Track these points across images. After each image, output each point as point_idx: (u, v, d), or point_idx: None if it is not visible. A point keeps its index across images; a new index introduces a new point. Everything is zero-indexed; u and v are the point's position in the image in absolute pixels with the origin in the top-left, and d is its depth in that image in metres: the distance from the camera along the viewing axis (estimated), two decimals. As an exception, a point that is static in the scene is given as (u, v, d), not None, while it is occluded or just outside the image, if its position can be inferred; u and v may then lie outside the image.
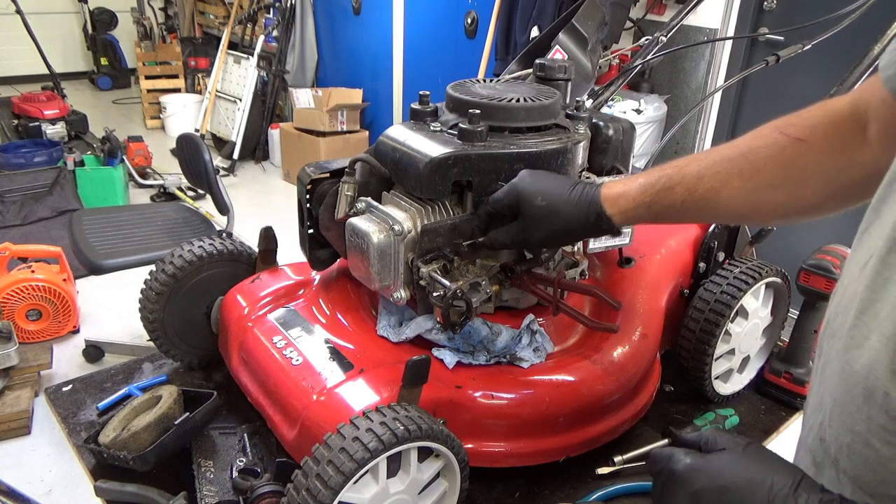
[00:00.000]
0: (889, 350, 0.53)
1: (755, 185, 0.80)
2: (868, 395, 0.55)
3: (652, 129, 3.16)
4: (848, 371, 0.57)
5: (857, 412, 0.56)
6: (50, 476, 2.34)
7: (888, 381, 0.53)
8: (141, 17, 6.97)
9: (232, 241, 1.32)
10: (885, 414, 0.54)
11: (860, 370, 0.56)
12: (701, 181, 0.82)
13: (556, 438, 1.08)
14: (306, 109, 4.94)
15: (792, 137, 0.78)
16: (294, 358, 1.08)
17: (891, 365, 0.53)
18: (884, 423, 0.54)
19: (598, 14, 1.45)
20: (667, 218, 0.88)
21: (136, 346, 2.93)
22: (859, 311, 0.57)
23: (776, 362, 1.40)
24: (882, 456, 0.55)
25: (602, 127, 1.15)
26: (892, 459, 0.54)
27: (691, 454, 0.65)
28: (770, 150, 0.79)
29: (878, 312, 0.55)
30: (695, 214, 0.86)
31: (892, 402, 0.53)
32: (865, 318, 0.56)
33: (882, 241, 0.56)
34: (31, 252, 2.99)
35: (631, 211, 0.88)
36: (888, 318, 0.53)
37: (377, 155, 1.09)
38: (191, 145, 2.81)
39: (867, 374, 0.55)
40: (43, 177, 4.08)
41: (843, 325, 0.59)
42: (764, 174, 0.79)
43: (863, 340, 0.56)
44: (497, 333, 1.10)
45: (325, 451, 0.84)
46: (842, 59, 1.46)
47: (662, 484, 0.66)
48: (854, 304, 0.58)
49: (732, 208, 0.82)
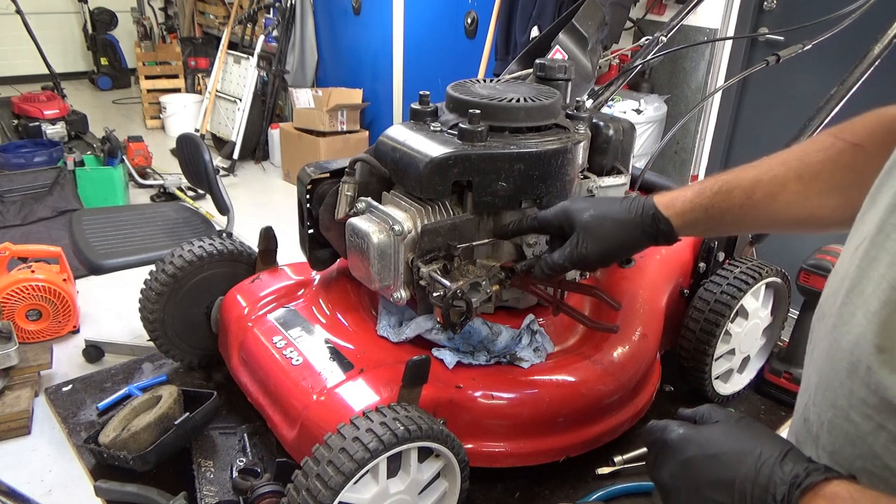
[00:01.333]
0: (874, 325, 0.54)
1: (813, 190, 0.79)
2: (852, 369, 0.56)
3: (652, 129, 3.16)
4: (835, 348, 0.59)
5: (839, 387, 0.58)
6: (50, 476, 2.34)
7: (872, 356, 0.54)
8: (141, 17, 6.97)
9: (232, 241, 1.32)
10: (866, 387, 0.55)
11: (846, 346, 0.57)
12: (759, 185, 0.82)
13: (556, 438, 1.08)
14: (306, 109, 4.94)
15: (849, 143, 0.78)
16: (294, 358, 1.08)
17: (874, 339, 0.54)
18: (864, 396, 0.55)
19: (598, 14, 1.45)
20: (723, 223, 0.86)
21: (136, 346, 2.93)
22: (848, 290, 0.58)
23: (776, 362, 1.40)
24: (861, 430, 0.56)
25: (602, 127, 1.15)
26: (870, 433, 0.55)
27: (685, 425, 0.67)
28: (827, 154, 0.79)
29: (864, 290, 0.56)
30: (752, 221, 0.85)
31: (874, 375, 0.54)
32: (853, 296, 0.57)
33: (874, 224, 0.57)
34: (31, 252, 2.99)
35: (687, 213, 0.86)
36: (873, 294, 0.55)
37: (377, 155, 1.09)
38: (191, 145, 2.81)
39: (852, 350, 0.56)
40: (43, 177, 4.08)
41: (833, 306, 0.61)
42: (822, 178, 0.79)
43: (850, 317, 0.57)
44: (497, 333, 1.10)
45: (325, 452, 0.84)
46: (842, 59, 1.46)
47: (656, 454, 0.68)
48: (844, 284, 0.59)
49: (790, 213, 0.82)
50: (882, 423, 0.54)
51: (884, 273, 0.55)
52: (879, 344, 0.54)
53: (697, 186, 0.87)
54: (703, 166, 3.47)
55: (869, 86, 1.30)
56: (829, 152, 0.79)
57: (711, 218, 0.85)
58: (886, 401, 0.53)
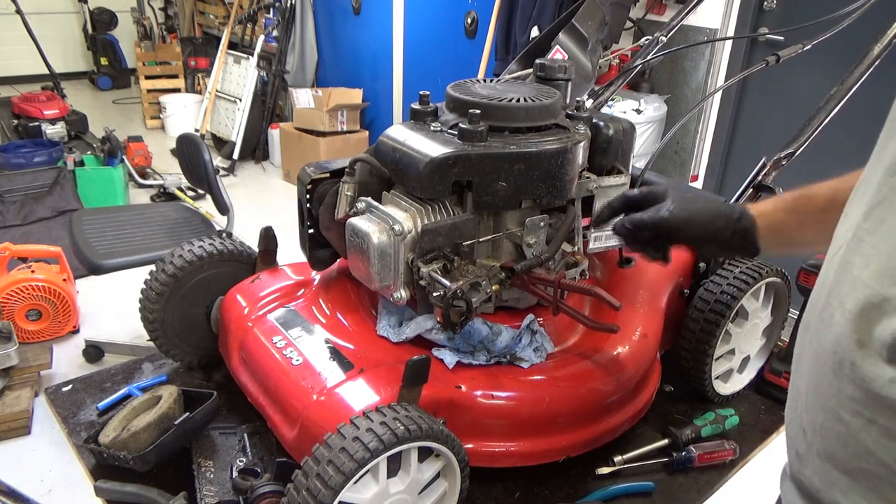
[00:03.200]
0: (850, 322, 0.55)
1: None
2: (837, 368, 0.57)
3: (652, 129, 3.16)
4: (818, 352, 0.60)
5: (828, 387, 0.58)
6: (50, 476, 2.34)
7: (854, 351, 0.55)
8: (141, 17, 6.97)
9: (232, 241, 1.32)
10: (852, 384, 0.55)
11: (828, 346, 0.58)
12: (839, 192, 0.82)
13: (556, 438, 1.08)
14: (306, 109, 4.94)
15: None
16: (294, 358, 1.08)
17: (854, 336, 0.55)
18: (852, 393, 0.55)
19: (598, 14, 1.45)
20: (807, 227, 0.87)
21: (136, 346, 2.93)
22: (827, 296, 0.60)
23: (776, 362, 1.40)
24: (852, 428, 0.56)
25: (602, 127, 1.15)
26: (861, 430, 0.55)
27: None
28: None
29: (840, 291, 0.58)
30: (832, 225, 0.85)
31: (858, 370, 0.54)
32: (831, 299, 0.59)
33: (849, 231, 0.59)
34: (31, 252, 2.99)
35: (770, 214, 0.90)
36: (849, 294, 0.56)
37: (377, 155, 1.09)
38: (191, 145, 2.81)
39: (834, 349, 0.57)
40: (43, 177, 4.07)
41: (815, 313, 0.62)
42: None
43: (829, 319, 0.58)
44: (497, 333, 1.10)
45: (325, 451, 0.84)
46: (842, 59, 1.46)
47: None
48: (823, 292, 0.61)
49: None
50: (872, 418, 0.54)
51: (857, 274, 0.56)
52: (859, 339, 0.54)
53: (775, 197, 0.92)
54: (703, 166, 3.47)
55: (869, 86, 1.29)
56: None
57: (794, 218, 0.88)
58: (873, 393, 0.53)
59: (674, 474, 1.16)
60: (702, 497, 1.13)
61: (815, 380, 0.60)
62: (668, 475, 1.16)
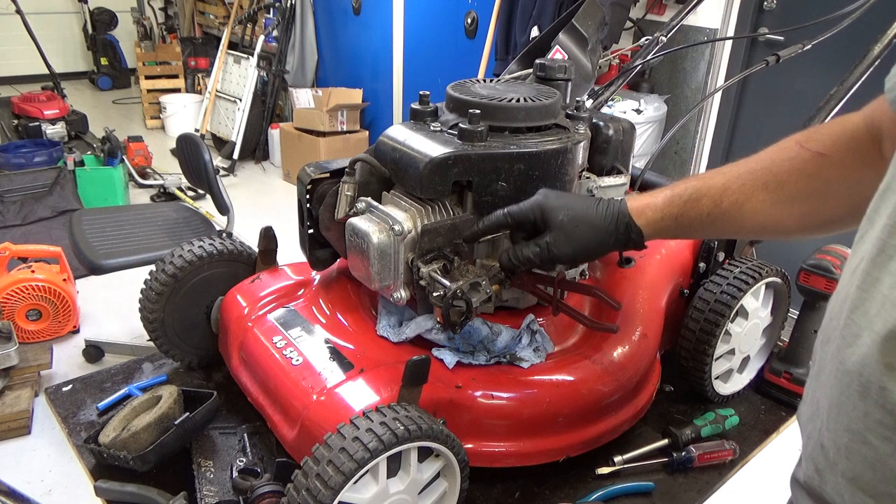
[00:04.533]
0: (879, 345, 0.53)
1: (779, 198, 0.81)
2: (864, 391, 0.55)
3: (652, 129, 3.16)
4: (842, 371, 0.58)
5: (853, 410, 0.57)
6: (50, 476, 2.34)
7: (883, 375, 0.53)
8: (141, 17, 6.97)
9: (232, 241, 1.32)
10: (881, 409, 0.54)
11: (853, 367, 0.56)
12: (726, 193, 0.84)
13: (556, 438, 1.08)
14: (306, 109, 4.94)
15: (813, 152, 0.79)
16: (294, 358, 1.08)
17: (883, 359, 0.53)
18: (881, 417, 0.54)
19: (598, 14, 1.45)
20: (693, 231, 0.89)
21: (136, 346, 2.93)
22: (850, 311, 0.58)
23: (776, 362, 1.40)
24: (880, 453, 0.55)
25: (602, 127, 1.15)
26: (891, 455, 0.54)
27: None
28: (793, 164, 0.81)
29: (868, 310, 0.56)
30: (720, 227, 0.87)
31: (888, 395, 0.53)
32: (856, 317, 0.57)
33: (872, 244, 0.57)
34: (31, 252, 2.99)
35: (658, 223, 0.89)
36: (878, 315, 0.54)
37: (377, 155, 1.09)
38: (191, 145, 2.81)
39: (860, 371, 0.55)
40: (43, 177, 4.08)
41: (836, 328, 0.60)
42: (787, 187, 0.81)
43: (854, 339, 0.56)
44: (497, 333, 1.10)
45: (325, 451, 0.84)
46: (842, 59, 1.46)
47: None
48: (846, 305, 0.59)
49: (757, 221, 0.84)
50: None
51: (887, 294, 0.54)
52: (889, 363, 0.53)
53: (668, 192, 0.89)
54: (703, 166, 3.47)
55: (869, 86, 1.29)
56: (794, 161, 0.81)
57: (681, 226, 0.88)
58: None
59: (674, 474, 1.16)
60: (702, 497, 1.13)
61: (837, 398, 0.59)
62: (668, 475, 1.16)
